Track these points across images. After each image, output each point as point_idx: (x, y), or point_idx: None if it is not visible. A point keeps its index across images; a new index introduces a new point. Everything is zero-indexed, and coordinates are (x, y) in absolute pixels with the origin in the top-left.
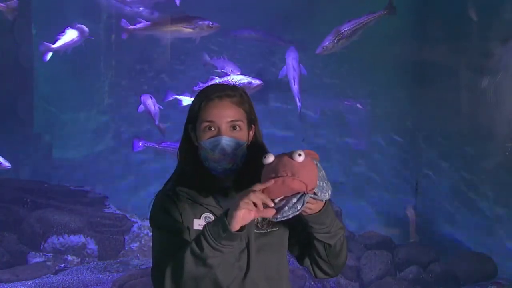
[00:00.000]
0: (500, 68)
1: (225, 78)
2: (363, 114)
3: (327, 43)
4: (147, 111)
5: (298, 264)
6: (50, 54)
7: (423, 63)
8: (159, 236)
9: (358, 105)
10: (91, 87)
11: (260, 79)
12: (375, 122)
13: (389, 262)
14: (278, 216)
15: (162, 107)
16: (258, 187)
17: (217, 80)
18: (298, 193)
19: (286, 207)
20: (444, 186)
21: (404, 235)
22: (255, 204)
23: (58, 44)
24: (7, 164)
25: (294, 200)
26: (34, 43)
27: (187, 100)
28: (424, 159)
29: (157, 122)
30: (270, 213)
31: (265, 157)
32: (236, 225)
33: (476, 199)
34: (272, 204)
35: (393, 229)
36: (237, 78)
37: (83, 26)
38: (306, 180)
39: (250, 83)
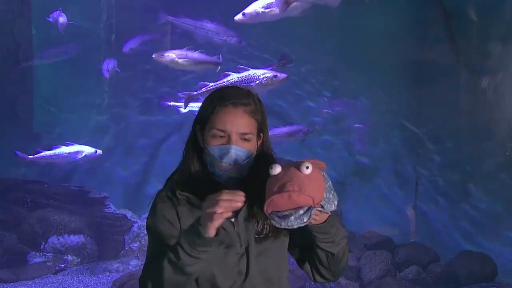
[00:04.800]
0: (500, 68)
1: (246, 73)
2: (363, 114)
3: None
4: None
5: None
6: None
7: (423, 63)
8: (152, 241)
9: (359, 103)
10: (91, 87)
11: (286, 73)
12: (375, 122)
13: (389, 262)
14: (283, 224)
15: (119, 70)
16: (224, 195)
17: (235, 77)
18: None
19: (292, 217)
20: (444, 186)
21: (404, 235)
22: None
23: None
24: (99, 151)
25: (301, 212)
26: (34, 43)
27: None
28: (424, 159)
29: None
30: (239, 202)
31: (271, 168)
32: (210, 231)
33: (476, 199)
34: (238, 205)
35: (393, 229)
36: (260, 72)
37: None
38: (313, 195)
39: (275, 76)
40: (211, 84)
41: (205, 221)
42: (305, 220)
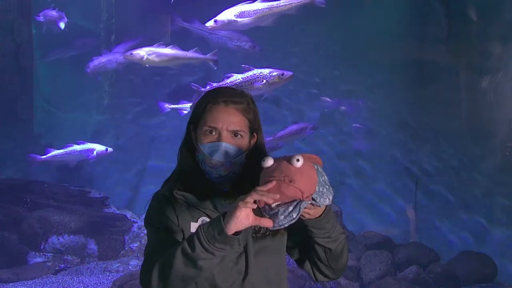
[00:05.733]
0: (500, 68)
1: (250, 73)
2: (363, 114)
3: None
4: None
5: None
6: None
7: (423, 63)
8: (152, 235)
9: (359, 103)
10: (91, 87)
11: (291, 71)
12: (375, 122)
13: (389, 262)
14: (275, 225)
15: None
16: (254, 195)
17: (239, 77)
18: (294, 200)
19: (282, 216)
20: (444, 186)
21: (404, 235)
22: (255, 202)
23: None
24: (110, 149)
25: (290, 208)
26: (34, 43)
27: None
28: (424, 159)
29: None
30: (267, 223)
31: (264, 160)
32: (232, 228)
33: (476, 199)
34: (271, 201)
35: (393, 229)
36: (266, 71)
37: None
38: (303, 187)
39: (282, 74)
40: (215, 84)
41: (230, 217)
42: (294, 216)
